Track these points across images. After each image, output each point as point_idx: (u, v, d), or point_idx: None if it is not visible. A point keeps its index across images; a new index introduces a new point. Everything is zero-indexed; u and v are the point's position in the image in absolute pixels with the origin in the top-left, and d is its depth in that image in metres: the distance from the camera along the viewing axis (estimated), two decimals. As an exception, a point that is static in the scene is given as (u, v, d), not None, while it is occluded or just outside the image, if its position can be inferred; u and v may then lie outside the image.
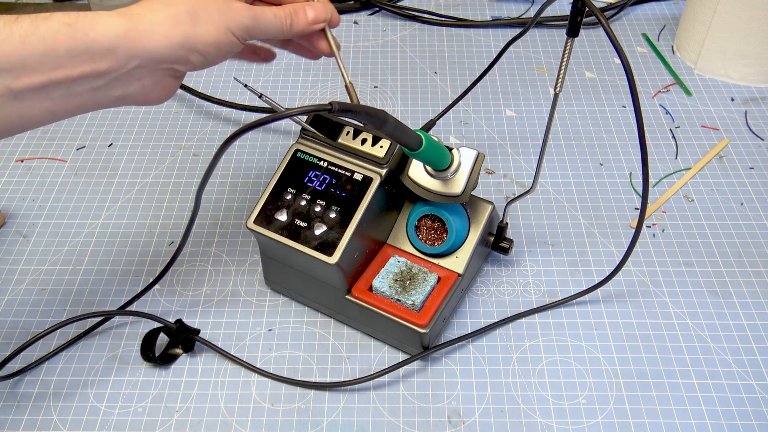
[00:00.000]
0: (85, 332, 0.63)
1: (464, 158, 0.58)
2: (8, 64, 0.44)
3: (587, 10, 0.48)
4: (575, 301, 0.65)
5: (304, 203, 0.59)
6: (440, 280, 0.60)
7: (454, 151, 0.58)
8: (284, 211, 0.59)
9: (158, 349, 0.61)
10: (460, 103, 0.82)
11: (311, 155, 0.60)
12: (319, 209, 0.58)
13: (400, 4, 1.02)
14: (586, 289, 0.64)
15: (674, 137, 0.81)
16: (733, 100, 0.86)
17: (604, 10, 1.00)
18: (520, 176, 0.77)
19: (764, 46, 0.84)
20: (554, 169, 0.77)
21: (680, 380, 0.59)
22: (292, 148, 0.61)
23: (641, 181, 0.55)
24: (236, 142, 0.73)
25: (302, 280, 0.62)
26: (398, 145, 0.57)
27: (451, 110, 0.83)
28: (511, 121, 0.84)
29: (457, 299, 0.62)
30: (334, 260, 0.56)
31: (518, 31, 0.68)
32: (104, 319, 0.64)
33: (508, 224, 0.65)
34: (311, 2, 0.56)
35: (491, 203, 0.62)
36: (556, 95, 0.55)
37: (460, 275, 0.60)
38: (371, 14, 1.02)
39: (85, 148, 0.81)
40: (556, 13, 1.00)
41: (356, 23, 1.00)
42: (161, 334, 0.61)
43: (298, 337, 0.63)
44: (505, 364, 0.60)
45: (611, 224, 0.72)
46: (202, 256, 0.69)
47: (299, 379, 0.59)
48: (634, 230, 0.60)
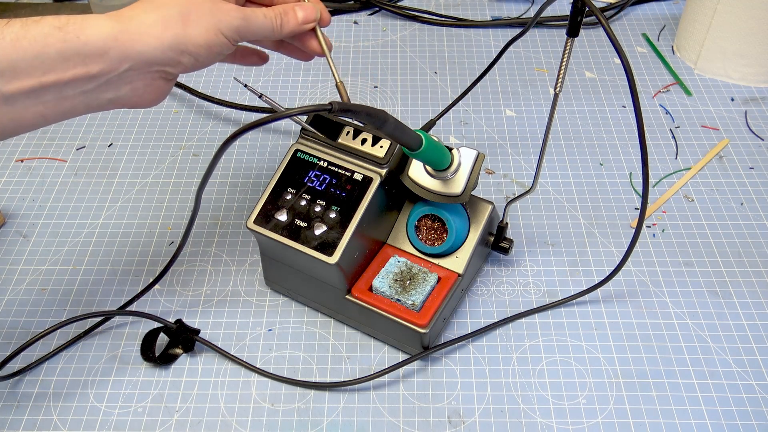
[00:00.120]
0: (85, 332, 0.63)
1: (464, 158, 0.58)
2: None
3: (587, 10, 0.48)
4: (575, 301, 0.65)
5: (304, 203, 0.59)
6: (440, 280, 0.60)
7: (454, 151, 0.58)
8: (284, 211, 0.59)
9: (158, 349, 0.61)
10: (460, 103, 0.82)
11: (311, 155, 0.60)
12: (319, 209, 0.58)
13: (400, 4, 1.02)
14: (586, 289, 0.64)
15: (674, 137, 0.81)
16: (733, 100, 0.86)
17: (604, 10, 1.00)
18: (520, 176, 0.77)
19: (764, 46, 0.84)
20: (554, 169, 0.77)
21: (680, 380, 0.59)
22: (292, 148, 0.61)
23: (641, 181, 0.55)
24: (236, 142, 0.73)
25: (302, 280, 0.62)
26: (398, 145, 0.57)
27: (451, 110, 0.83)
28: (511, 121, 0.84)
29: (457, 299, 0.62)
30: (334, 260, 0.56)
31: (518, 31, 0.68)
32: (104, 319, 0.64)
33: (508, 224, 0.65)
34: (301, 2, 0.56)
35: (491, 203, 0.62)
36: (556, 95, 0.55)
37: (460, 275, 0.60)
38: (371, 14, 1.02)
39: (85, 148, 0.81)
40: (556, 13, 1.00)
41: (356, 23, 1.00)
42: (161, 334, 0.61)
43: (298, 337, 0.63)
44: (505, 364, 0.60)
45: (611, 224, 0.72)
46: (202, 256, 0.69)
47: (299, 379, 0.59)
48: (634, 230, 0.60)
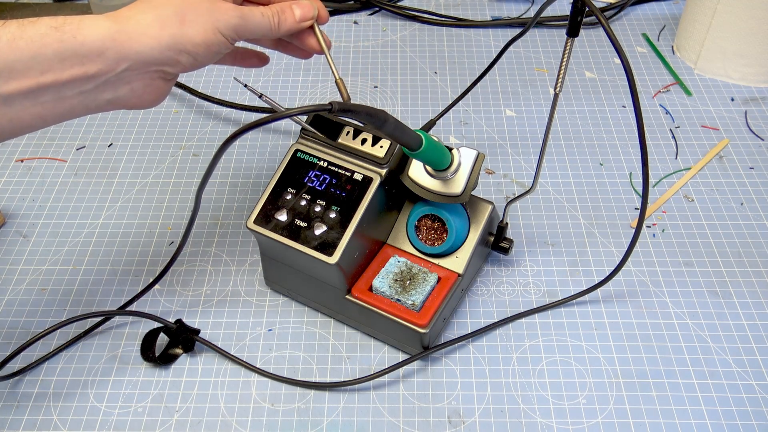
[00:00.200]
0: (85, 332, 0.63)
1: (464, 158, 0.58)
2: None
3: (587, 10, 0.48)
4: (575, 301, 0.65)
5: (304, 203, 0.59)
6: (440, 280, 0.60)
7: (454, 151, 0.58)
8: (284, 211, 0.59)
9: (158, 349, 0.61)
10: (460, 103, 0.82)
11: (311, 155, 0.60)
12: (319, 209, 0.58)
13: (400, 4, 1.02)
14: (586, 289, 0.64)
15: (674, 137, 0.81)
16: (733, 100, 0.86)
17: (604, 10, 1.00)
18: (520, 176, 0.77)
19: (764, 46, 0.84)
20: (554, 169, 0.77)
21: (680, 380, 0.59)
22: (292, 148, 0.61)
23: (641, 181, 0.55)
24: (236, 142, 0.73)
25: (302, 280, 0.62)
26: (398, 145, 0.57)
27: (451, 110, 0.83)
28: (511, 121, 0.84)
29: (457, 299, 0.62)
30: (334, 260, 0.56)
31: (518, 31, 0.68)
32: (104, 319, 0.64)
33: (508, 224, 0.65)
34: (298, 1, 0.56)
35: (491, 203, 0.62)
36: (556, 95, 0.55)
37: (460, 275, 0.60)
38: (371, 14, 1.02)
39: (85, 148, 0.81)
40: (556, 13, 1.00)
41: (356, 23, 1.00)
42: (161, 334, 0.61)
43: (298, 337, 0.63)
44: (505, 364, 0.60)
45: (611, 224, 0.72)
46: (202, 256, 0.69)
47: (299, 379, 0.59)
48: (634, 230, 0.60)
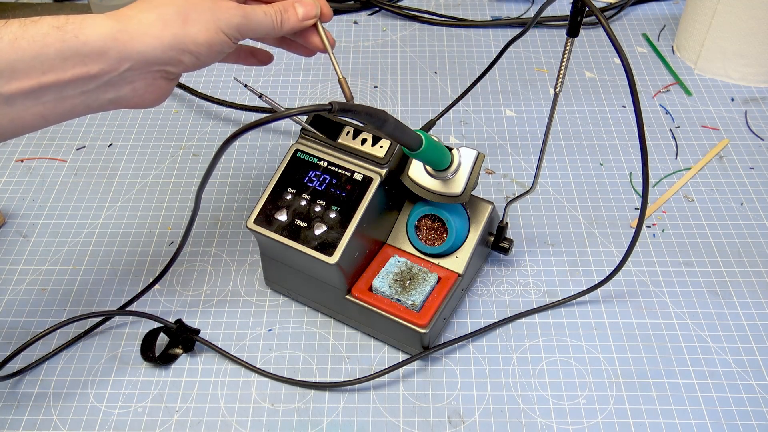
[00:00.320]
0: (85, 332, 0.63)
1: (464, 158, 0.58)
2: None
3: (587, 10, 0.48)
4: (575, 301, 0.65)
5: (304, 203, 0.59)
6: (440, 280, 0.60)
7: (454, 151, 0.58)
8: (284, 211, 0.59)
9: (158, 349, 0.61)
10: (460, 103, 0.82)
11: (311, 155, 0.60)
12: (319, 209, 0.58)
13: (400, 4, 1.02)
14: (586, 289, 0.64)
15: (674, 137, 0.81)
16: (733, 100, 0.86)
17: (604, 10, 1.00)
18: (520, 176, 0.77)
19: (764, 46, 0.84)
20: (554, 169, 0.77)
21: (680, 380, 0.59)
22: (292, 148, 0.61)
23: (641, 181, 0.55)
24: (236, 142, 0.73)
25: (302, 280, 0.62)
26: (398, 145, 0.57)
27: (451, 110, 0.83)
28: (511, 121, 0.84)
29: (457, 299, 0.62)
30: (334, 260, 0.56)
31: (518, 31, 0.68)
32: (104, 319, 0.64)
33: (508, 224, 0.65)
34: None
35: (491, 203, 0.62)
36: (556, 95, 0.55)
37: (460, 275, 0.60)
38: (371, 14, 1.02)
39: (85, 148, 0.81)
40: (556, 13, 1.00)
41: (356, 23, 1.00)
42: (161, 334, 0.61)
43: (298, 337, 0.63)
44: (505, 364, 0.60)
45: (611, 224, 0.72)
46: (202, 256, 0.69)
47: (299, 379, 0.59)
48: (634, 230, 0.60)
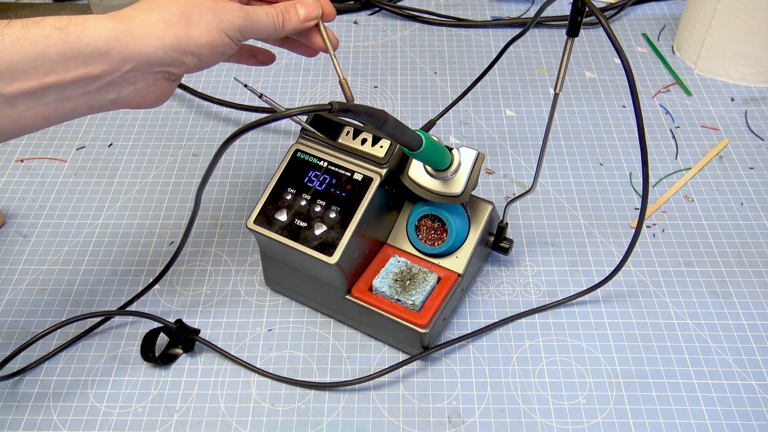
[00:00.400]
0: (85, 332, 0.63)
1: (464, 158, 0.58)
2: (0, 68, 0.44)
3: (587, 10, 0.48)
4: (575, 301, 0.65)
5: (304, 203, 0.59)
6: (440, 280, 0.60)
7: (454, 151, 0.58)
8: (284, 211, 0.59)
9: (158, 349, 0.61)
10: (460, 103, 0.82)
11: (311, 155, 0.60)
12: (319, 209, 0.58)
13: (400, 4, 1.02)
14: (586, 289, 0.64)
15: (674, 137, 0.81)
16: (733, 100, 0.86)
17: (604, 10, 1.00)
18: (520, 176, 0.77)
19: (764, 46, 0.84)
20: (554, 169, 0.77)
21: (680, 380, 0.59)
22: (292, 148, 0.61)
23: (641, 181, 0.55)
24: (236, 142, 0.73)
25: (302, 280, 0.62)
26: (398, 145, 0.57)
27: (451, 110, 0.83)
28: (511, 121, 0.84)
29: (457, 299, 0.62)
30: (334, 260, 0.56)
31: (518, 31, 0.68)
32: (104, 319, 0.64)
33: (508, 224, 0.65)
34: (302, 0, 0.55)
35: (491, 203, 0.62)
36: (556, 95, 0.55)
37: (460, 275, 0.60)
38: (371, 14, 1.02)
39: (85, 148, 0.81)
40: (556, 13, 1.00)
41: (356, 23, 1.00)
42: (161, 334, 0.61)
43: (298, 337, 0.63)
44: (505, 364, 0.60)
45: (611, 224, 0.72)
46: (202, 256, 0.69)
47: (299, 379, 0.59)
48: (634, 230, 0.60)
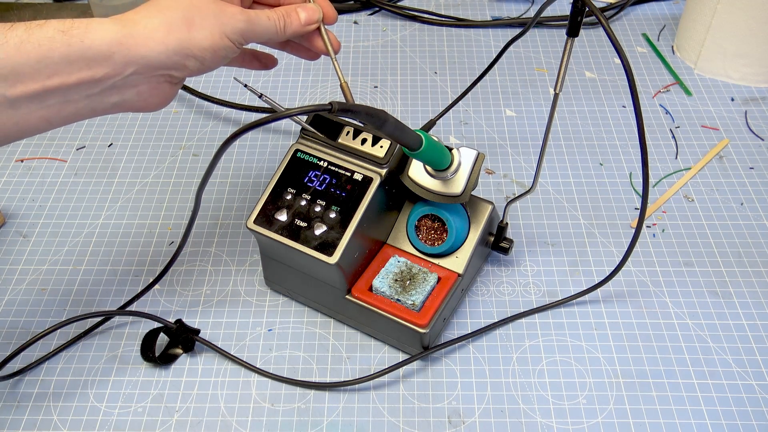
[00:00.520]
0: (85, 332, 0.63)
1: (464, 158, 0.58)
2: (3, 71, 0.44)
3: (587, 10, 0.48)
4: (575, 301, 0.65)
5: (304, 203, 0.59)
6: (440, 280, 0.60)
7: (454, 151, 0.58)
8: (284, 211, 0.59)
9: (158, 349, 0.61)
10: (460, 103, 0.82)
11: (311, 155, 0.60)
12: (319, 209, 0.58)
13: (400, 4, 1.02)
14: (586, 289, 0.64)
15: (674, 137, 0.81)
16: (733, 100, 0.86)
17: (604, 10, 1.00)
18: (520, 176, 0.77)
19: (764, 46, 0.84)
20: (554, 169, 0.77)
21: (680, 380, 0.59)
22: (292, 148, 0.61)
23: (641, 181, 0.55)
24: (236, 142, 0.73)
25: (302, 280, 0.62)
26: (398, 145, 0.57)
27: (451, 110, 0.83)
28: (511, 121, 0.84)
29: (457, 299, 0.62)
30: (334, 260, 0.56)
31: (518, 31, 0.68)
32: (104, 319, 0.64)
33: (508, 224, 0.65)
34: (304, 4, 0.56)
35: (491, 203, 0.62)
36: (556, 95, 0.55)
37: (460, 275, 0.60)
38: (371, 14, 1.02)
39: (85, 148, 0.81)
40: (556, 13, 1.00)
41: (356, 23, 1.00)
42: (161, 334, 0.61)
43: (298, 337, 0.63)
44: (505, 364, 0.60)
45: (611, 224, 0.72)
46: (202, 256, 0.69)
47: (299, 379, 0.59)
48: (634, 230, 0.60)
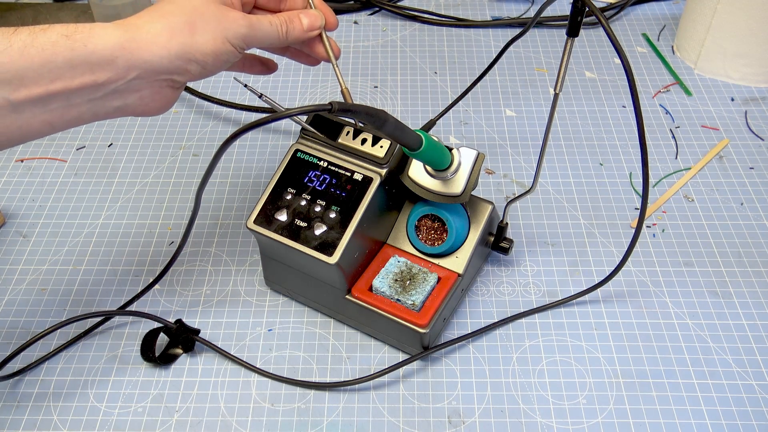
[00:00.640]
0: (85, 332, 0.63)
1: (464, 158, 0.58)
2: (7, 75, 0.44)
3: (587, 10, 0.48)
4: (575, 301, 0.65)
5: (304, 203, 0.59)
6: (440, 280, 0.60)
7: (454, 151, 0.58)
8: (284, 211, 0.59)
9: (158, 349, 0.61)
10: (460, 103, 0.82)
11: (311, 155, 0.60)
12: (319, 209, 0.58)
13: (400, 4, 1.02)
14: (586, 289, 0.64)
15: (674, 137, 0.81)
16: (733, 100, 0.86)
17: (604, 10, 1.00)
18: (520, 176, 0.77)
19: (764, 46, 0.84)
20: (554, 169, 0.77)
21: (680, 380, 0.59)
22: (292, 148, 0.61)
23: (641, 181, 0.55)
24: (236, 142, 0.73)
25: (302, 280, 0.62)
26: (398, 145, 0.57)
27: (451, 110, 0.83)
28: (511, 121, 0.84)
29: (457, 299, 0.62)
30: (334, 260, 0.56)
31: (518, 31, 0.68)
32: (104, 319, 0.64)
33: (508, 224, 0.65)
34: (306, 9, 0.56)
35: (491, 203, 0.62)
36: (556, 95, 0.55)
37: (460, 275, 0.60)
38: (371, 14, 1.02)
39: (85, 148, 0.81)
40: (556, 13, 1.00)
41: (356, 23, 1.00)
42: (161, 334, 0.61)
43: (298, 337, 0.63)
44: (505, 364, 0.60)
45: (611, 224, 0.72)
46: (202, 256, 0.69)
47: (299, 379, 0.59)
48: (634, 230, 0.60)
